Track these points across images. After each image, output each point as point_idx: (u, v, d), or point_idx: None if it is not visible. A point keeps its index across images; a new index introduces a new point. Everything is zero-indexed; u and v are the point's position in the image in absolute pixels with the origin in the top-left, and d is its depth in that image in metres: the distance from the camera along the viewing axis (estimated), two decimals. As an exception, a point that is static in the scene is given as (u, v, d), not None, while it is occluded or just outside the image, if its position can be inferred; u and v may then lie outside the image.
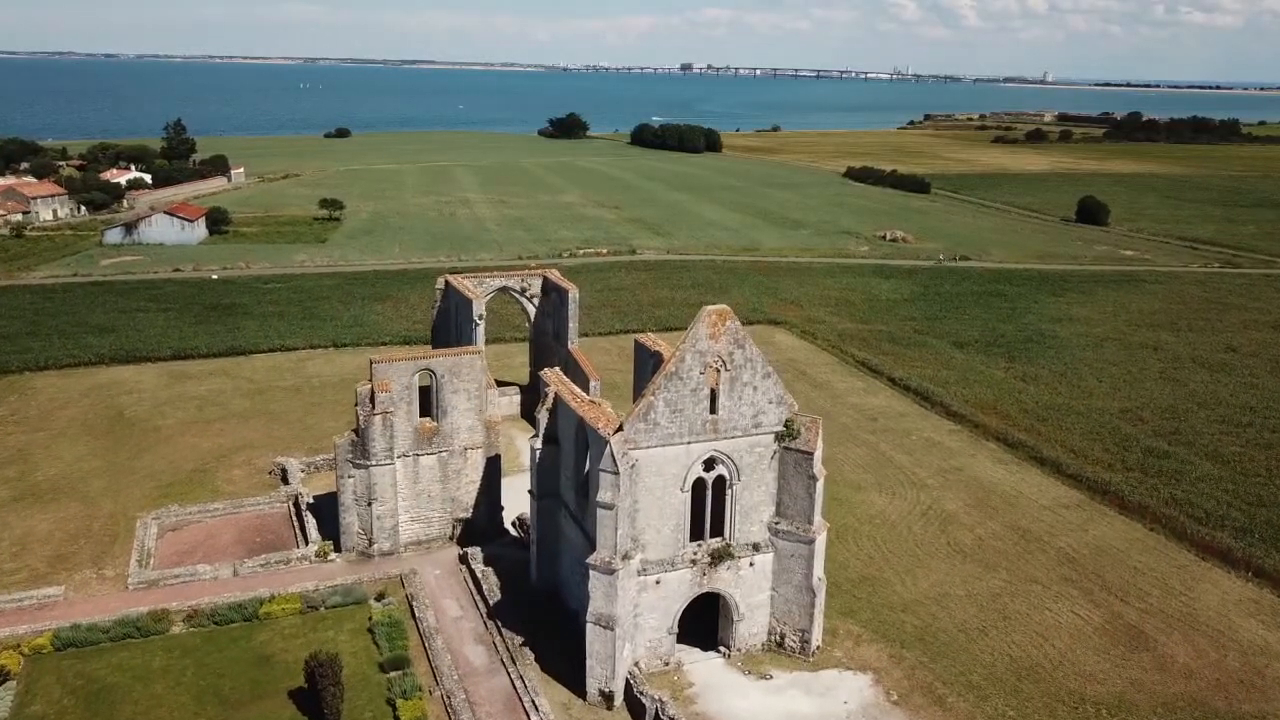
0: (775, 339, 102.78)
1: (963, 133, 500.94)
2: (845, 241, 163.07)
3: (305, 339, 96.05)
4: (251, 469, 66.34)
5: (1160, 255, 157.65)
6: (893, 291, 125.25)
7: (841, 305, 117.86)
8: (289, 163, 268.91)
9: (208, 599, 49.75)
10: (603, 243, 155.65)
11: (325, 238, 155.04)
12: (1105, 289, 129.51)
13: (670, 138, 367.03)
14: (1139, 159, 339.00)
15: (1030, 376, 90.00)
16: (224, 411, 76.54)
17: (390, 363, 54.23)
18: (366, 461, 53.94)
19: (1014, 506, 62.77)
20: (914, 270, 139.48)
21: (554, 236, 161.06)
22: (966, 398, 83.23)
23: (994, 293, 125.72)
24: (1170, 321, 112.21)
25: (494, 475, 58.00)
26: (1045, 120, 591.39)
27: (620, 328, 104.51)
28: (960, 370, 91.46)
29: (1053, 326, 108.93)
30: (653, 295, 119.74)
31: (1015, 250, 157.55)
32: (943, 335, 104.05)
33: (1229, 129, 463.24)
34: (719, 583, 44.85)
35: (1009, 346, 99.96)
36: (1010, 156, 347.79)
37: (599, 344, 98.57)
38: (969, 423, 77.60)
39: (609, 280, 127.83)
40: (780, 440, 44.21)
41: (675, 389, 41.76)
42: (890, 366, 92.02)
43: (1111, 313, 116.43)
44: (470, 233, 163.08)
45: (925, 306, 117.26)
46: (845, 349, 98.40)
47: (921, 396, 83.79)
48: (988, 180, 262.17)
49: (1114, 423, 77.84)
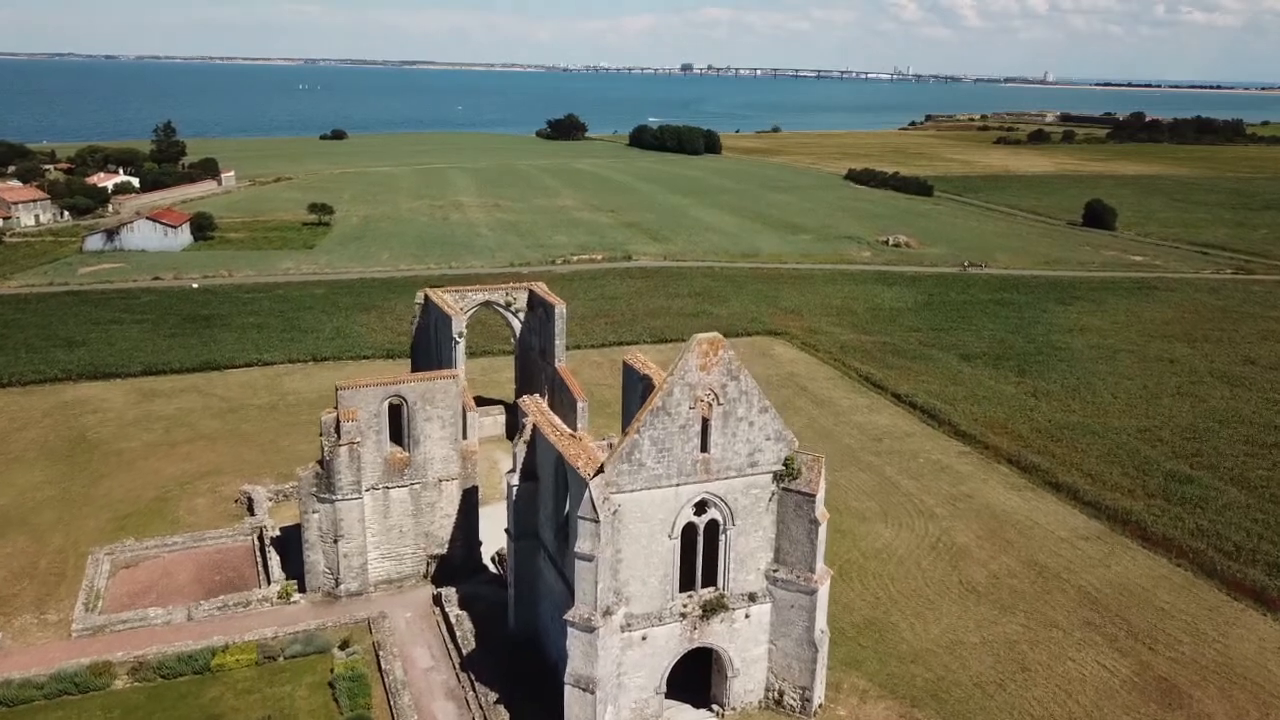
0: (775, 351, 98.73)
1: (964, 133, 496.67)
2: (847, 247, 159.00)
3: (284, 353, 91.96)
4: (216, 497, 62.27)
5: (1171, 261, 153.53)
6: (896, 300, 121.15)
7: (843, 314, 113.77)
8: (282, 165, 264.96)
9: (156, 649, 45.67)
10: (598, 248, 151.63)
11: (313, 244, 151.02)
12: (1116, 297, 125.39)
13: (669, 139, 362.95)
14: (1144, 160, 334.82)
15: (1042, 392, 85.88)
16: (192, 433, 72.46)
17: (357, 389, 50.17)
18: (332, 496, 49.87)
19: (1029, 538, 58.67)
20: (917, 277, 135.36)
21: (548, 242, 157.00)
22: (976, 416, 79.13)
23: (1001, 301, 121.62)
24: (1185, 332, 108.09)
25: (471, 508, 53.94)
26: (1047, 120, 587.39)
27: (614, 339, 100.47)
28: (968, 386, 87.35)
29: (1064, 337, 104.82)
30: (648, 304, 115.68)
31: (1022, 255, 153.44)
32: (949, 347, 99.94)
33: (1233, 129, 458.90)
34: (712, 636, 40.77)
35: (1019, 359, 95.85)
36: (1013, 158, 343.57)
37: (591, 357, 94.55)
38: (979, 443, 73.52)
39: (604, 288, 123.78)
40: (779, 480, 40.15)
41: (662, 425, 37.68)
42: (895, 381, 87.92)
43: (1124, 322, 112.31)
44: (462, 238, 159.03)
45: (930, 316, 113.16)
46: (848, 362, 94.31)
47: (928, 415, 79.68)
48: (991, 182, 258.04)
49: (1132, 443, 73.72)
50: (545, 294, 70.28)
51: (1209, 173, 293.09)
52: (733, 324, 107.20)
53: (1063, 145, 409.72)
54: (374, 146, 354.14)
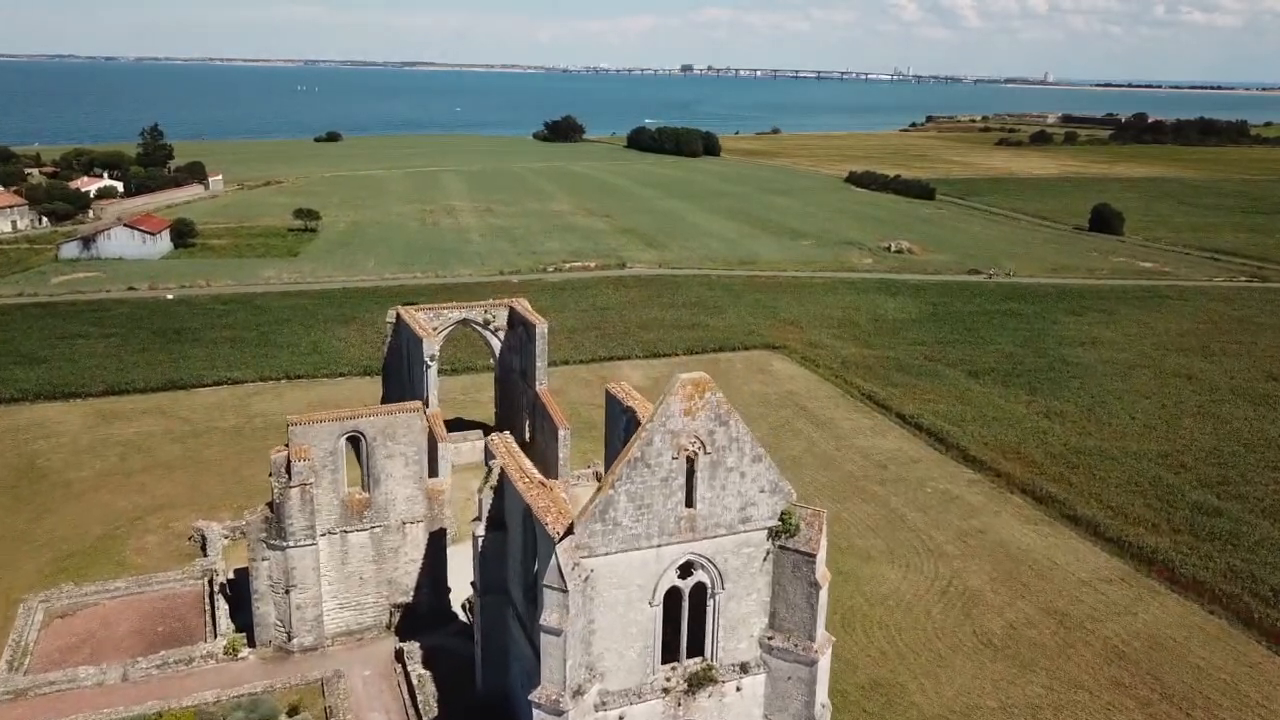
0: (773, 367, 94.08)
1: (966, 135, 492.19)
2: (848, 253, 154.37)
3: (255, 370, 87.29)
4: (168, 534, 57.65)
5: (1181, 267, 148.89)
6: (900, 310, 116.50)
7: (845, 327, 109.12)
8: (273, 168, 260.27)
9: (83, 716, 41.09)
10: (591, 255, 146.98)
11: (298, 251, 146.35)
12: (1128, 307, 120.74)
13: (667, 141, 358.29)
14: (1148, 162, 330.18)
15: (1055, 413, 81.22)
16: (149, 460, 67.82)
17: (310, 424, 45.56)
18: (283, 542, 45.26)
19: (1048, 580, 54.02)
20: (922, 286, 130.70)
21: (540, 248, 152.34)
22: (986, 439, 74.50)
23: (1008, 312, 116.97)
24: (1201, 345, 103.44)
25: (438, 553, 49.31)
26: (1049, 122, 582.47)
27: (604, 354, 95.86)
28: (977, 405, 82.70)
29: (1075, 351, 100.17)
30: (642, 316, 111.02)
31: (1028, 262, 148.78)
32: (956, 363, 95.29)
33: (1237, 130, 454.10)
34: (698, 713, 36.09)
35: (1029, 376, 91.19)
36: (1016, 160, 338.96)
37: (579, 374, 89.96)
38: (990, 471, 68.89)
39: (595, 299, 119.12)
40: (775, 538, 35.49)
41: (641, 479, 33.04)
42: (900, 401, 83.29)
43: (1137, 334, 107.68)
44: (451, 245, 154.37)
45: (935, 328, 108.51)
46: (850, 379, 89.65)
47: (936, 438, 75.05)
48: (994, 185, 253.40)
49: (1153, 470, 69.09)
50: (526, 312, 65.64)
51: (1216, 175, 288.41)
52: (729, 337, 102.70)
53: (1065, 147, 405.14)
54: (368, 149, 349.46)
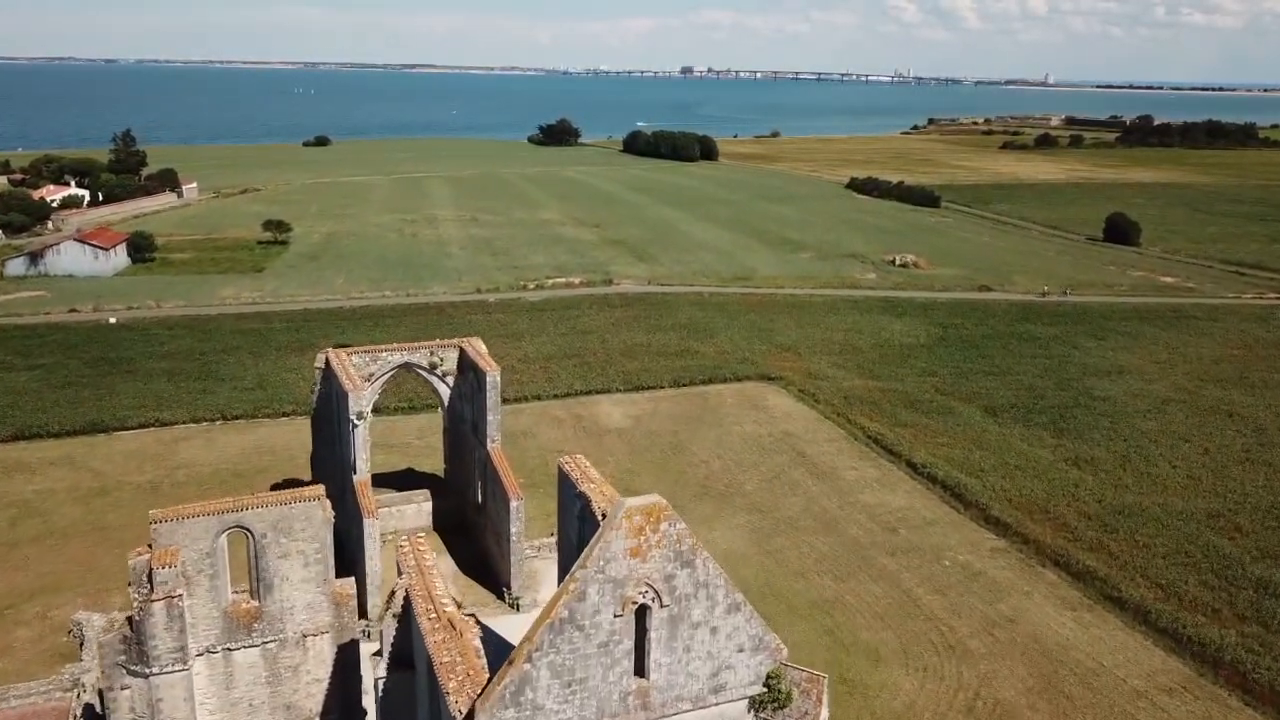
0: (768, 402, 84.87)
1: (969, 138, 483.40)
2: (850, 267, 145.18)
3: (189, 409, 78.13)
4: (46, 626, 48.55)
5: (1205, 283, 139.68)
6: (906, 334, 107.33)
7: (847, 353, 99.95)
8: (254, 174, 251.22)
9: None
10: (576, 270, 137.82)
11: (263, 266, 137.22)
12: (1152, 328, 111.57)
13: (663, 145, 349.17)
14: (1158, 166, 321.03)
15: (1085, 459, 72.04)
16: (43, 527, 58.66)
17: (179, 520, 36.42)
18: (146, 668, 36.18)
19: (1095, 691, 44.86)
20: (929, 305, 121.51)
21: (522, 263, 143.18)
22: (1009, 494, 65.35)
23: (1023, 335, 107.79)
24: (1239, 374, 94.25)
25: (349, 668, 40.16)
26: (1053, 124, 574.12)
27: (582, 387, 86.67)
28: (996, 450, 73.53)
29: (1100, 382, 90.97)
30: (626, 341, 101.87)
31: (1042, 277, 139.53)
32: (970, 397, 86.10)
33: (1245, 133, 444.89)
34: None
35: (1052, 413, 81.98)
36: (1021, 164, 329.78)
37: (552, 411, 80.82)
38: (1016, 536, 59.73)
39: (577, 320, 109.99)
40: (758, 710, 26.37)
41: (570, 646, 23.89)
42: (910, 445, 74.11)
43: (1166, 361, 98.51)
44: (428, 258, 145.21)
45: (946, 355, 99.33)
46: (853, 418, 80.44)
47: (952, 493, 65.89)
48: (1001, 192, 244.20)
49: (1205, 536, 59.92)
50: (477, 355, 56.37)
51: (1229, 180, 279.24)
52: (720, 365, 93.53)
53: (1071, 150, 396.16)
54: (357, 154, 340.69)
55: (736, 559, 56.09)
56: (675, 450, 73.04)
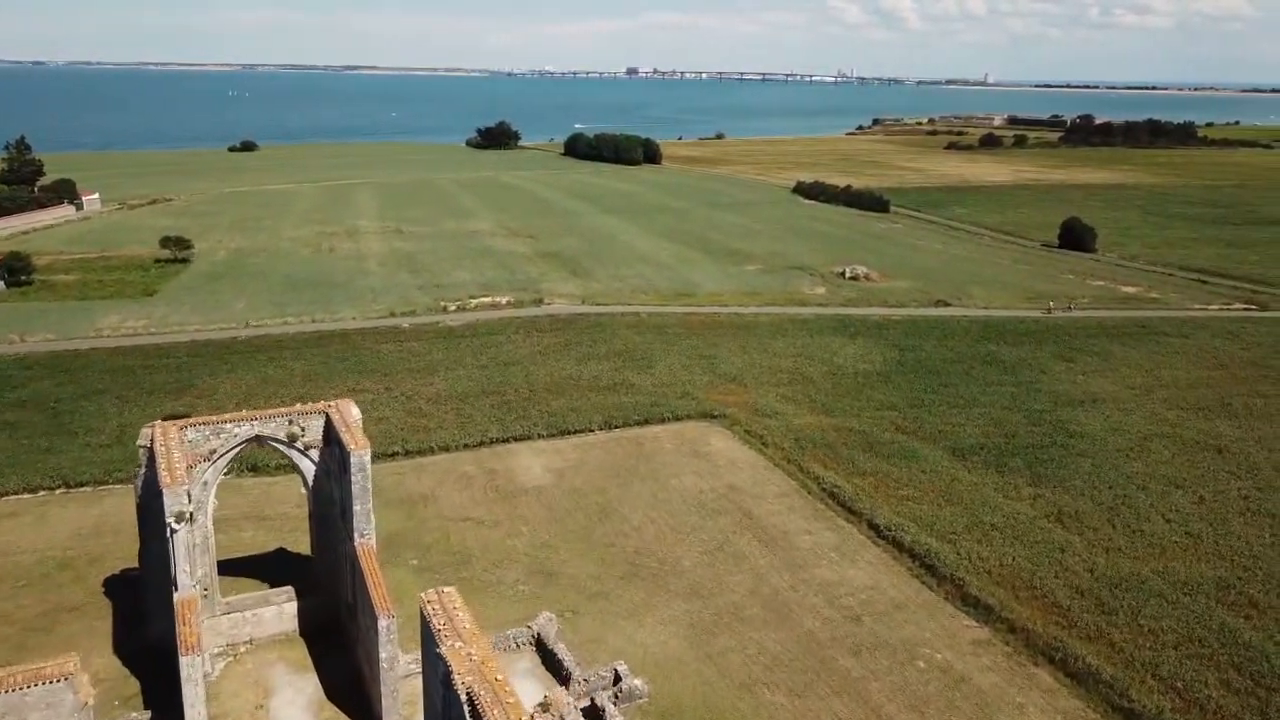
0: (711, 446, 74.93)
1: (914, 138, 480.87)
2: (799, 281, 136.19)
3: (23, 475, 65.83)
4: None
5: (1169, 292, 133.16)
6: (861, 359, 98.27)
7: (797, 383, 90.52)
8: (169, 183, 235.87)
9: None
10: (504, 288, 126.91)
11: (156, 289, 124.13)
12: (1122, 347, 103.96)
13: (605, 148, 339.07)
14: (1105, 166, 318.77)
15: (1069, 514, 63.20)
16: None
17: None
18: None
19: None
20: (883, 323, 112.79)
21: (445, 280, 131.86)
22: (988, 564, 56.11)
23: (987, 357, 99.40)
24: (1221, 401, 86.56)
25: None
26: (996, 124, 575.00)
27: (499, 434, 75.86)
28: (968, 504, 64.39)
29: (1075, 414, 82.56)
30: (553, 373, 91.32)
31: (1000, 289, 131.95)
32: (934, 436, 77.03)
33: (1185, 131, 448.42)
34: None
35: (1027, 454, 73.20)
36: (968, 165, 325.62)
37: (462, 466, 70.06)
38: (1000, 621, 50.39)
39: (500, 348, 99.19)
40: None
41: None
42: (870, 500, 64.65)
43: (1141, 386, 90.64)
44: (343, 277, 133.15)
45: (904, 384, 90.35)
46: (806, 465, 70.82)
47: (922, 563, 56.45)
48: (951, 195, 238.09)
49: (1216, 614, 51.15)
50: (344, 426, 45.43)
51: (1176, 180, 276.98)
52: (657, 402, 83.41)
53: (1017, 150, 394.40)
54: (285, 159, 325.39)
55: (670, 667, 46.02)
56: (603, 514, 62.74)
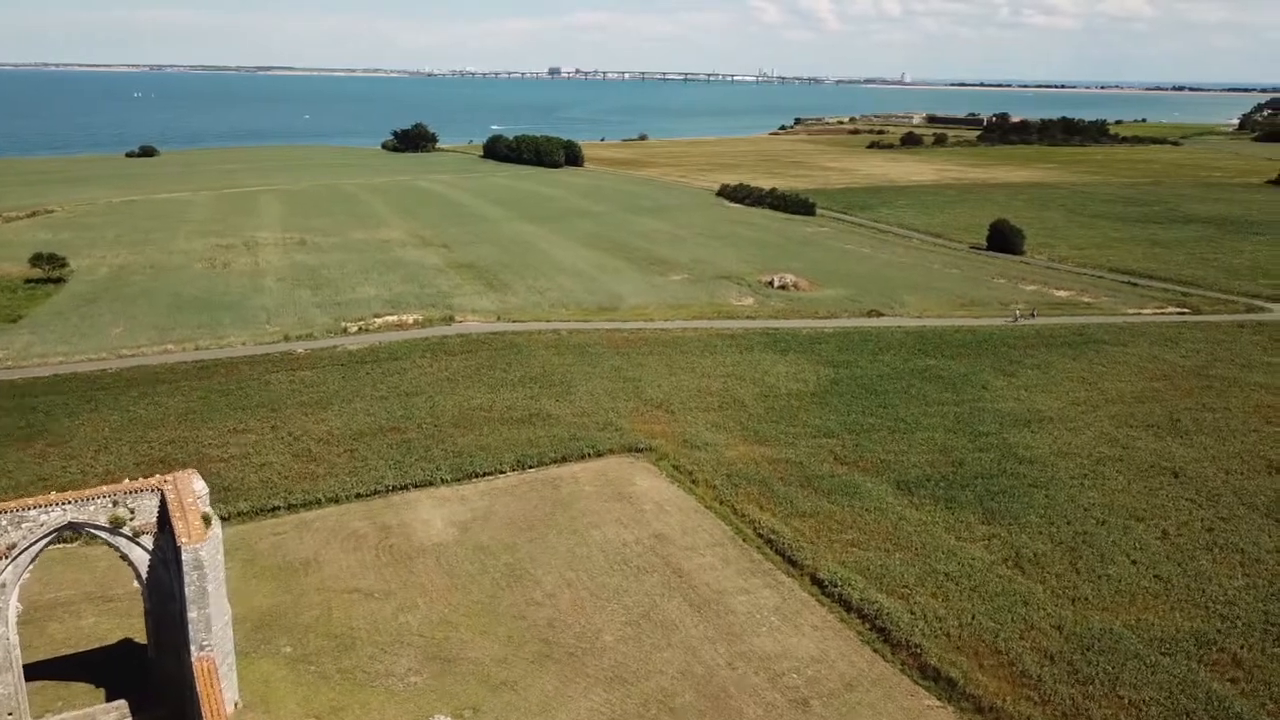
0: (636, 487, 67.75)
1: (836, 137, 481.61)
2: (725, 291, 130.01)
3: None
4: None
5: (1101, 296, 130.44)
6: (794, 378, 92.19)
7: (728, 408, 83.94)
8: (52, 193, 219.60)
9: None
10: (413, 305, 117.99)
11: (22, 314, 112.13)
12: (1062, 358, 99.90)
13: (526, 150, 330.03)
14: (1024, 165, 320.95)
15: (1028, 557, 57.59)
16: None
17: None
18: None
19: None
20: (815, 337, 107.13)
21: (349, 296, 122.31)
22: (946, 624, 49.99)
23: (926, 372, 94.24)
24: (1169, 417, 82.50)
25: None
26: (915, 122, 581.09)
27: (396, 480, 67.50)
28: (919, 549, 58.35)
29: (1022, 436, 77.55)
30: (461, 403, 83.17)
31: (934, 297, 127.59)
32: (876, 467, 71.07)
33: (1099, 129, 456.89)
34: None
35: (976, 486, 67.66)
36: (892, 165, 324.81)
37: (351, 521, 61.68)
38: (965, 698, 44.24)
39: (403, 376, 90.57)
40: None
41: None
42: (812, 547, 58.20)
43: (1086, 402, 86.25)
44: (236, 296, 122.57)
45: (840, 406, 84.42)
46: (741, 507, 64.13)
47: (873, 626, 50.11)
48: (876, 196, 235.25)
49: (1199, 678, 45.75)
50: (180, 509, 36.97)
51: (1094, 178, 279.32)
52: (577, 435, 75.96)
53: (937, 149, 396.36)
54: (185, 165, 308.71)
55: (586, 781, 38.67)
56: (512, 577, 55.06)
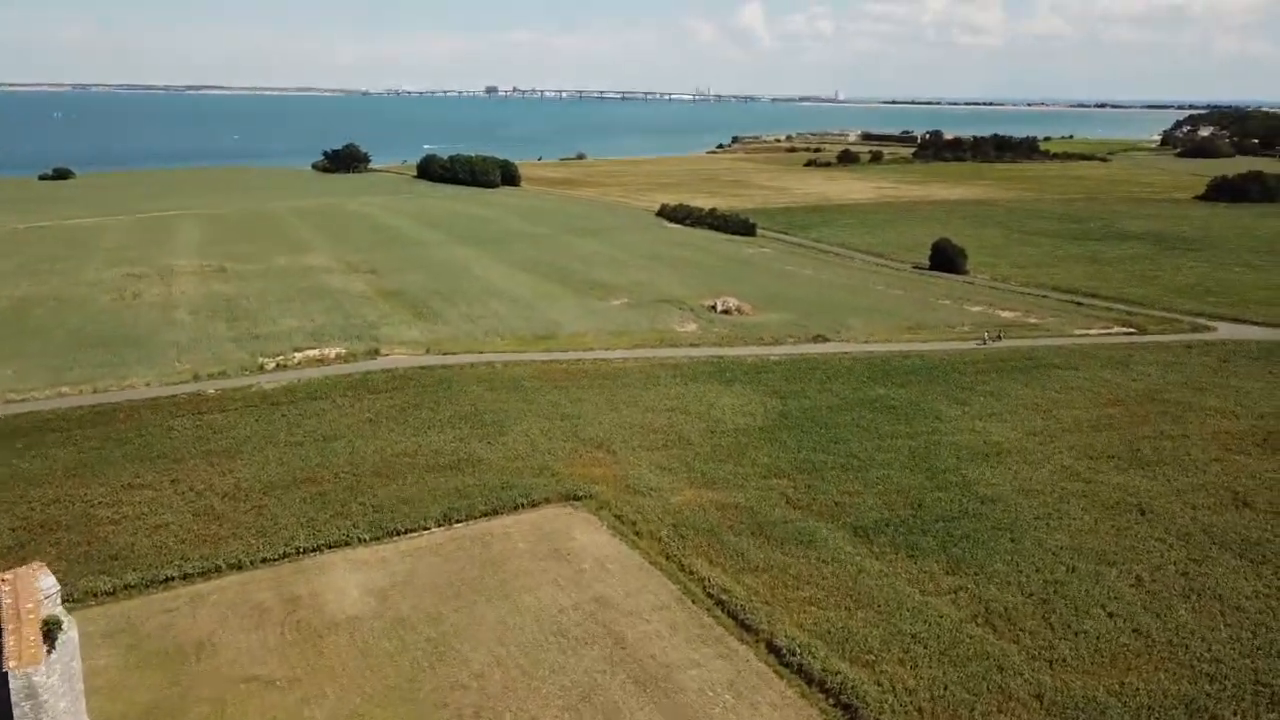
0: (574, 542, 62.13)
1: (774, 155, 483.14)
2: (667, 316, 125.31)
3: None
4: None
5: (1047, 316, 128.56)
6: (741, 411, 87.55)
7: (673, 445, 78.86)
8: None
9: None
10: (336, 337, 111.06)
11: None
12: (1013, 383, 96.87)
13: (461, 170, 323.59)
14: (960, 182, 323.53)
15: (998, 612, 53.28)
16: None
17: None
18: None
19: None
20: (760, 365, 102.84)
21: (267, 329, 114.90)
22: (917, 698, 45.26)
23: (876, 402, 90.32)
24: (1127, 445, 79.48)
25: None
26: (851, 140, 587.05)
27: (307, 540, 61.01)
28: (882, 607, 53.68)
29: (981, 472, 73.72)
30: (384, 449, 76.79)
31: (880, 320, 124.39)
32: (832, 511, 66.49)
33: (1030, 146, 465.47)
34: None
35: (938, 531, 63.40)
36: (830, 183, 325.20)
37: (255, 593, 54.99)
38: (943, 789, 39.51)
39: (321, 418, 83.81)
40: None
41: None
42: (767, 608, 53.19)
43: (1042, 432, 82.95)
44: (143, 330, 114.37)
45: (791, 442, 79.86)
46: (688, 562, 58.90)
47: (838, 702, 45.19)
48: (815, 215, 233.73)
49: (1195, 754, 41.70)
50: (15, 617, 30.48)
51: (1029, 195, 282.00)
52: (510, 483, 70.10)
53: (874, 166, 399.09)
54: (102, 189, 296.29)
55: None
56: (435, 656, 49.05)
